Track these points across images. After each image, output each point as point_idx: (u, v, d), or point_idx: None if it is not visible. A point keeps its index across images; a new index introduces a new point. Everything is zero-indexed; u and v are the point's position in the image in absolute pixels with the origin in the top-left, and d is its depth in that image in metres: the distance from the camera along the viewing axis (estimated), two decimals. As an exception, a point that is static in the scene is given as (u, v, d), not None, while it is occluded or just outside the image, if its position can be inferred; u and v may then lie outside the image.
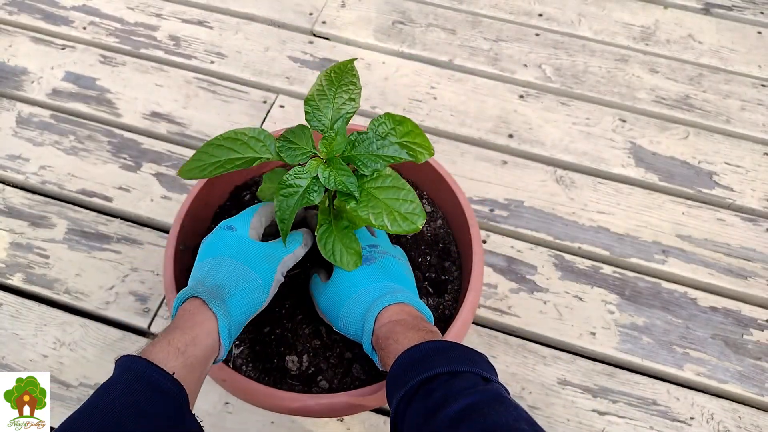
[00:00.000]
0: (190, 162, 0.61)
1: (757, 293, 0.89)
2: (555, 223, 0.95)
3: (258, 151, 0.61)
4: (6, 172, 0.99)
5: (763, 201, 0.99)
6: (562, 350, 0.85)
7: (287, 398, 0.60)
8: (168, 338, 0.50)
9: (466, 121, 1.07)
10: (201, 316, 0.52)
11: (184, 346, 0.50)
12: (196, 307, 0.53)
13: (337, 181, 0.57)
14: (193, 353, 0.50)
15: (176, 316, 0.54)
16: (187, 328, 0.51)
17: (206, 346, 0.52)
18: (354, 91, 0.61)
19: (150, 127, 1.05)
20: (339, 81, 0.61)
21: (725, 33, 1.21)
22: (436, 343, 0.51)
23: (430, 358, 0.49)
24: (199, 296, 0.53)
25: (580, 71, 1.14)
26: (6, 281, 0.89)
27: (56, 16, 1.20)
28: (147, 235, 0.93)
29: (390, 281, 0.61)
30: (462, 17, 1.22)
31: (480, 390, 0.46)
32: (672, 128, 1.07)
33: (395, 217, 0.57)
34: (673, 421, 0.79)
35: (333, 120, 0.61)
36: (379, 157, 0.58)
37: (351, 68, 0.61)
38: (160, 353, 0.48)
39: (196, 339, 0.51)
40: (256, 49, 1.16)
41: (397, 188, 0.58)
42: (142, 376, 0.46)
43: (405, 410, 0.48)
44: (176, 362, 0.49)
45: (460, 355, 0.50)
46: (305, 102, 0.61)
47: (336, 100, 0.61)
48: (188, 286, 0.56)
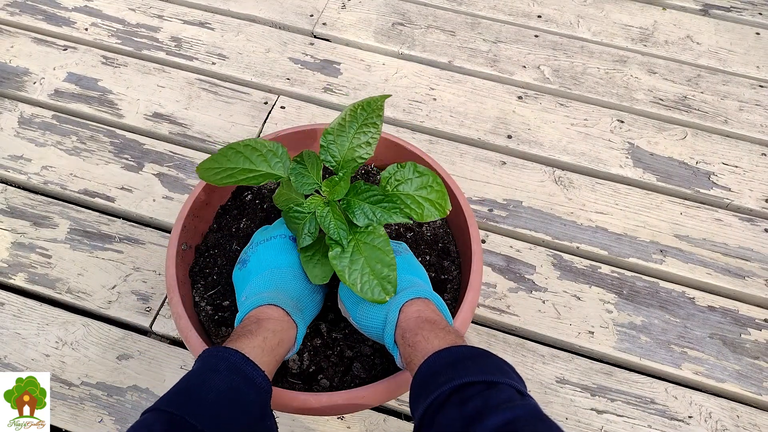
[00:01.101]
0: (209, 161, 0.63)
1: (755, 293, 0.90)
2: (553, 223, 0.96)
3: (272, 167, 0.63)
4: (8, 173, 1.00)
5: (760, 201, 0.99)
6: (560, 349, 0.85)
7: (288, 396, 0.61)
8: (263, 336, 0.55)
9: (465, 121, 1.07)
10: (287, 324, 0.59)
11: (276, 346, 0.56)
12: (281, 315, 0.59)
13: (331, 226, 0.59)
14: (279, 353, 0.56)
15: (258, 317, 0.58)
16: (276, 331, 0.57)
17: (287, 348, 0.58)
18: (373, 136, 0.62)
19: (152, 128, 1.06)
20: (362, 119, 0.62)
21: (724, 34, 1.22)
22: (470, 349, 0.51)
23: (463, 364, 0.48)
24: (283, 307, 0.59)
25: (578, 72, 1.15)
26: (8, 281, 0.89)
27: (58, 17, 1.21)
28: (149, 234, 0.94)
29: (412, 275, 0.63)
30: (461, 19, 1.23)
31: (519, 405, 0.44)
32: (670, 129, 1.08)
33: (370, 279, 0.59)
34: (671, 419, 0.80)
35: (344, 159, 0.62)
36: (375, 215, 0.60)
37: (379, 107, 0.62)
38: (255, 350, 0.53)
39: (282, 342, 0.57)
40: (258, 51, 1.17)
41: (383, 252, 0.59)
42: (239, 368, 0.51)
43: (436, 413, 0.46)
44: (267, 359, 0.54)
45: (495, 365, 0.49)
46: (323, 134, 0.62)
47: (353, 140, 0.62)
48: (265, 294, 0.61)
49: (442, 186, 0.63)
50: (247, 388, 0.50)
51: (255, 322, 0.57)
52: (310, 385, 0.66)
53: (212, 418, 0.46)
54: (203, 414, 0.46)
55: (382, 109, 0.62)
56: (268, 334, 0.55)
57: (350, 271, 0.59)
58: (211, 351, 0.52)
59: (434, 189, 0.63)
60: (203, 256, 0.76)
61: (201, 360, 0.52)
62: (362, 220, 0.60)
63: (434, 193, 0.63)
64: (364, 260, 0.59)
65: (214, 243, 0.77)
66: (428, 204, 0.62)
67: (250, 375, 0.51)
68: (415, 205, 0.62)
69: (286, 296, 0.61)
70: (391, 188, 0.63)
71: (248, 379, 0.51)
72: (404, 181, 0.63)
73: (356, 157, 0.62)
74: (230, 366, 0.51)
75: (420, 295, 0.58)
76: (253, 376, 0.51)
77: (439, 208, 0.62)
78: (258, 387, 0.51)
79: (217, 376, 0.50)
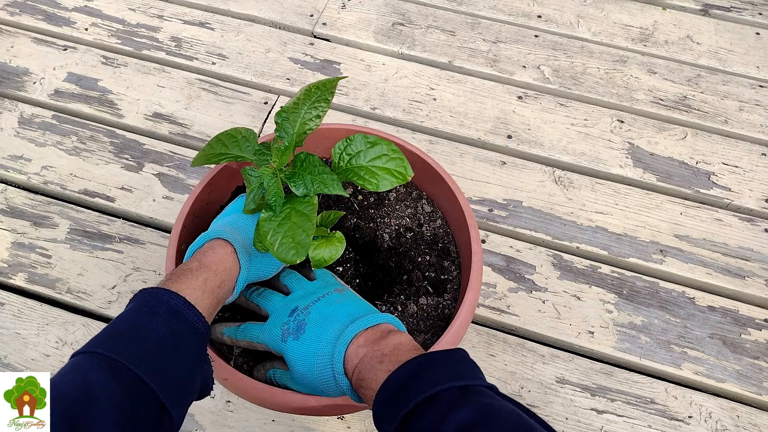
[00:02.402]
0: (201, 150, 0.69)
1: (755, 293, 0.90)
2: (553, 223, 0.96)
3: (243, 151, 0.67)
4: (8, 173, 1.00)
5: (761, 201, 0.99)
6: (560, 349, 0.85)
7: (288, 396, 0.61)
8: (204, 277, 0.53)
9: (465, 121, 1.07)
10: (230, 263, 0.56)
11: (216, 288, 0.54)
12: (228, 253, 0.57)
13: (271, 193, 0.60)
14: (219, 295, 0.54)
15: (205, 251, 0.56)
16: (219, 271, 0.55)
17: (228, 290, 0.56)
18: (323, 109, 0.62)
19: (152, 128, 1.06)
20: (315, 97, 0.62)
21: (724, 34, 1.22)
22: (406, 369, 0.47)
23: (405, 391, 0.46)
24: (232, 244, 0.57)
25: (578, 72, 1.15)
26: (8, 281, 0.89)
27: (58, 17, 1.21)
28: (149, 235, 0.94)
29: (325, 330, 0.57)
30: (461, 19, 1.23)
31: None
32: (670, 129, 1.08)
33: (288, 242, 0.58)
34: (671, 419, 0.80)
35: (297, 134, 0.62)
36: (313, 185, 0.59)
37: (333, 86, 0.62)
38: (195, 292, 0.52)
39: (223, 283, 0.55)
40: (258, 51, 1.17)
41: (308, 218, 0.59)
42: (179, 312, 0.49)
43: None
44: (208, 302, 0.53)
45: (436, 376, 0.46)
46: (278, 112, 0.62)
47: (305, 115, 0.62)
48: (221, 229, 0.60)
49: (399, 152, 0.61)
50: (187, 333, 0.49)
51: (198, 259, 0.55)
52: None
53: (153, 366, 0.45)
54: (144, 361, 0.44)
55: (335, 88, 0.62)
56: (210, 274, 0.53)
57: (274, 233, 0.59)
58: (149, 291, 0.50)
59: (391, 157, 0.61)
60: (203, 256, 0.76)
61: (138, 300, 0.50)
62: (301, 190, 0.60)
63: (392, 162, 0.61)
64: (290, 225, 0.59)
65: (214, 243, 0.77)
66: (384, 173, 0.61)
67: (191, 320, 0.49)
68: (369, 175, 0.61)
69: (240, 236, 0.59)
70: (343, 164, 0.63)
71: (188, 323, 0.49)
72: (356, 154, 0.62)
73: (306, 130, 0.62)
74: (170, 310, 0.49)
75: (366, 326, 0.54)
76: (193, 321, 0.49)
77: (398, 175, 0.61)
78: (197, 332, 0.50)
79: (156, 319, 0.48)
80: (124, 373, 0.43)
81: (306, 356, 0.56)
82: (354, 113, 1.09)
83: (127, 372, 0.43)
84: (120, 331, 0.47)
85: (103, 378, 0.42)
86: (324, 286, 0.64)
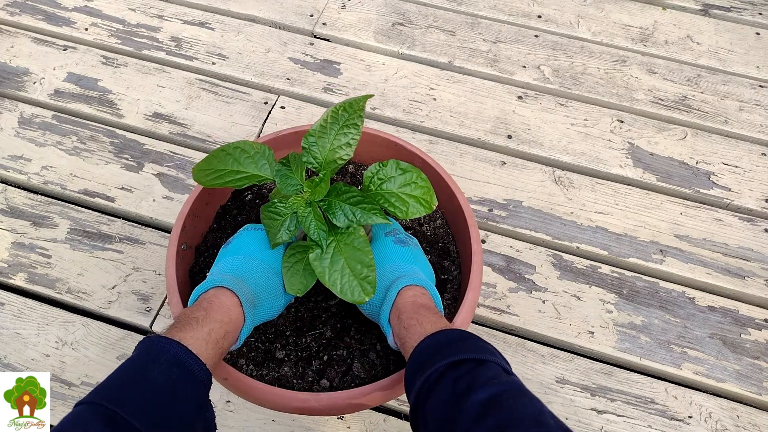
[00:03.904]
0: (203, 162, 0.65)
1: (755, 293, 0.90)
2: (553, 223, 0.96)
3: (259, 168, 0.64)
4: (8, 173, 1.00)
5: (760, 201, 0.99)
6: (560, 349, 0.85)
7: (288, 396, 0.61)
8: (209, 327, 0.54)
9: (465, 121, 1.07)
10: (235, 315, 0.57)
11: (221, 338, 0.54)
12: (234, 305, 0.57)
13: (311, 227, 0.60)
14: (223, 346, 0.55)
15: (212, 301, 0.57)
16: (224, 322, 0.55)
17: (232, 340, 0.57)
18: (353, 137, 0.62)
19: (152, 128, 1.06)
20: (344, 120, 0.62)
21: (724, 34, 1.22)
22: (461, 332, 0.54)
23: (456, 345, 0.52)
24: (238, 296, 0.58)
25: (578, 72, 1.15)
26: (8, 281, 0.89)
27: (58, 17, 1.21)
28: (149, 234, 0.94)
29: (415, 266, 0.64)
30: (461, 19, 1.23)
31: (504, 381, 0.48)
32: (670, 129, 1.08)
33: (350, 279, 0.59)
34: (671, 419, 0.80)
35: (326, 160, 0.62)
36: (355, 216, 0.60)
37: (360, 107, 0.61)
38: (199, 342, 0.52)
39: (227, 334, 0.55)
40: (258, 51, 1.17)
41: (363, 252, 0.60)
42: (180, 361, 0.50)
43: (431, 390, 0.49)
44: (212, 352, 0.53)
45: (484, 345, 0.53)
46: (305, 135, 0.62)
47: (334, 141, 0.62)
48: (226, 275, 0.60)
49: (427, 182, 0.63)
50: (186, 381, 0.49)
51: (204, 308, 0.56)
52: (310, 386, 0.66)
53: (150, 415, 0.45)
54: (141, 410, 0.45)
55: (363, 110, 0.62)
56: (215, 325, 0.54)
57: (330, 271, 0.60)
58: (152, 340, 0.51)
59: (419, 185, 0.62)
60: (203, 256, 0.76)
61: (141, 348, 0.51)
62: (342, 221, 0.60)
63: (419, 189, 0.62)
64: (344, 261, 0.60)
65: (214, 243, 0.77)
66: (413, 201, 0.62)
67: (191, 368, 0.50)
68: (400, 202, 0.62)
69: (246, 287, 0.60)
70: (374, 187, 0.63)
71: (189, 371, 0.49)
72: (387, 179, 0.63)
73: (337, 158, 0.62)
74: (171, 359, 0.49)
75: (418, 283, 0.60)
76: (194, 370, 0.50)
77: (425, 203, 0.62)
78: (198, 380, 0.50)
79: (156, 368, 0.48)
80: (122, 426, 0.44)
81: (385, 264, 0.63)
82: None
83: (125, 424, 0.44)
84: (120, 381, 0.47)
85: (100, 429, 0.43)
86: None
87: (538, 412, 0.45)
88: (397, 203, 0.62)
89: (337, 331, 0.70)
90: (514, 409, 0.44)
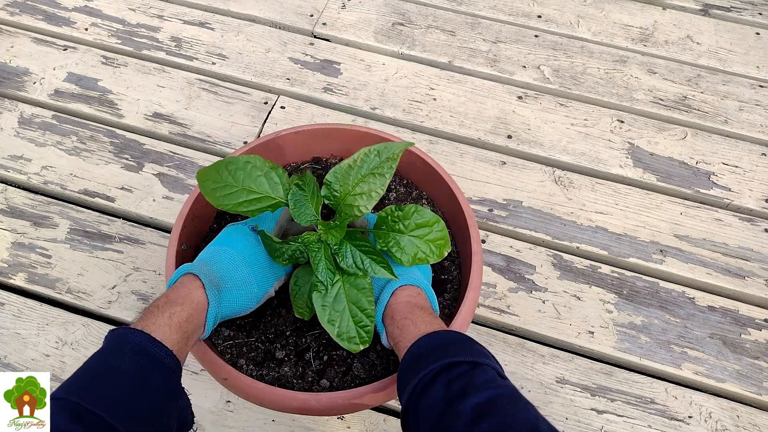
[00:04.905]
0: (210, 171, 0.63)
1: (755, 293, 0.90)
2: (553, 223, 0.96)
3: (272, 190, 0.63)
4: (8, 173, 1.00)
5: (760, 201, 0.99)
6: (560, 349, 0.85)
7: (288, 396, 0.61)
8: (169, 312, 0.53)
9: (465, 122, 1.07)
10: (198, 297, 0.56)
11: (184, 321, 0.54)
12: (196, 287, 0.57)
13: (320, 267, 0.60)
14: (188, 329, 0.54)
15: (175, 287, 0.56)
16: (186, 305, 0.55)
17: (198, 324, 0.56)
18: (377, 189, 0.60)
19: (152, 128, 1.06)
20: (374, 165, 0.60)
21: (724, 34, 1.22)
22: (455, 334, 0.54)
23: (451, 346, 0.52)
24: (201, 278, 0.57)
25: (578, 72, 1.15)
26: (8, 281, 0.89)
27: (58, 17, 1.21)
28: (149, 235, 0.94)
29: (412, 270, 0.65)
30: (461, 19, 1.23)
31: (500, 385, 0.48)
32: (670, 129, 1.08)
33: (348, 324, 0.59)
34: (671, 419, 0.80)
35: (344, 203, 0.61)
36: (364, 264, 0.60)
37: (395, 156, 0.59)
38: (162, 327, 0.52)
39: (191, 317, 0.55)
40: (258, 51, 1.17)
41: (366, 299, 0.60)
42: (144, 349, 0.49)
43: (424, 391, 0.49)
44: (176, 336, 0.52)
45: (479, 349, 0.53)
46: (331, 171, 0.61)
47: (356, 187, 0.61)
48: (194, 263, 0.60)
49: (444, 230, 0.62)
50: (153, 369, 0.48)
51: (166, 294, 0.55)
52: (310, 386, 0.66)
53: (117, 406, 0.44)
54: (108, 402, 0.44)
55: (397, 160, 0.59)
56: (176, 309, 0.53)
57: (331, 311, 0.60)
58: (115, 332, 0.50)
59: (435, 230, 0.62)
60: (203, 256, 0.76)
61: (107, 340, 0.50)
62: (350, 266, 0.60)
63: (434, 234, 0.62)
64: (347, 304, 0.60)
65: (214, 243, 0.77)
66: (425, 245, 0.61)
67: (157, 355, 0.49)
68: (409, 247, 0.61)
69: (210, 270, 0.59)
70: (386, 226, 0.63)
71: (155, 359, 0.49)
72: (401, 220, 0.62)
73: (355, 206, 0.61)
74: (135, 347, 0.48)
75: (413, 283, 0.61)
76: (159, 356, 0.49)
77: (435, 249, 0.61)
78: (165, 366, 0.49)
79: (121, 358, 0.48)
80: (88, 418, 0.43)
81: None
82: (354, 113, 1.09)
83: (91, 416, 0.43)
84: (86, 374, 0.47)
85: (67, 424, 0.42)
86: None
87: (533, 418, 0.44)
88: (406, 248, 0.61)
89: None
90: (510, 414, 0.44)
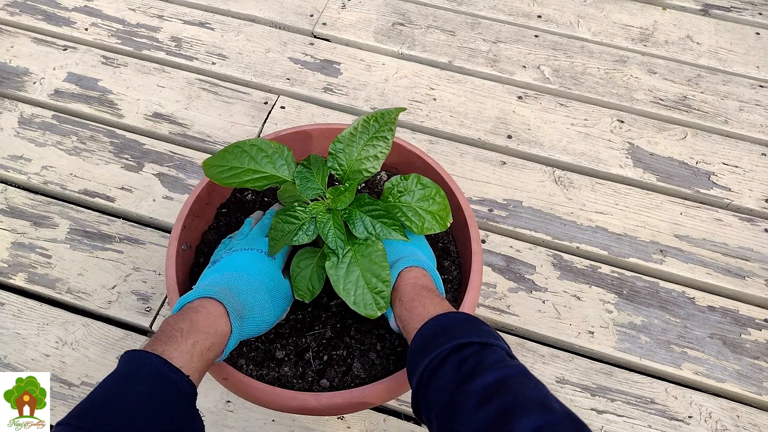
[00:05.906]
0: (215, 158, 0.63)
1: (755, 293, 0.90)
2: (553, 223, 0.96)
3: (277, 169, 0.63)
4: (8, 173, 1.00)
5: (760, 201, 0.99)
6: (560, 349, 0.85)
7: (288, 396, 0.61)
8: (193, 340, 0.52)
9: (465, 121, 1.07)
10: (222, 326, 0.55)
11: (206, 350, 0.53)
12: (220, 315, 0.55)
13: (329, 235, 0.59)
14: (209, 357, 0.53)
15: (197, 310, 0.55)
16: (209, 334, 0.53)
17: (218, 353, 0.55)
18: (382, 150, 0.62)
19: (152, 128, 1.06)
20: (374, 131, 0.62)
21: (724, 34, 1.22)
22: (464, 315, 0.54)
23: (460, 327, 0.52)
24: (225, 306, 0.56)
25: (578, 72, 1.15)
26: (8, 281, 0.89)
27: (58, 17, 1.21)
28: (149, 234, 0.94)
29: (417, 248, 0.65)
30: (461, 19, 1.23)
31: (510, 365, 0.48)
32: (670, 129, 1.08)
33: (363, 292, 0.59)
34: (671, 419, 0.80)
35: (351, 170, 0.62)
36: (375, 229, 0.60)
37: (392, 120, 0.62)
38: (184, 355, 0.50)
39: (213, 346, 0.54)
40: (258, 51, 1.17)
41: (380, 266, 0.60)
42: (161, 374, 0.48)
43: (435, 372, 0.49)
44: (197, 364, 0.51)
45: (488, 329, 0.53)
46: (334, 141, 0.62)
47: (362, 152, 0.62)
48: (215, 287, 0.58)
49: (444, 199, 0.64)
50: (169, 397, 0.47)
51: (190, 319, 0.53)
52: (310, 385, 0.66)
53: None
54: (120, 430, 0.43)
55: (395, 123, 0.62)
56: (200, 337, 0.52)
57: (345, 281, 0.60)
58: (131, 355, 0.49)
59: (436, 201, 0.64)
60: (203, 256, 0.76)
61: (123, 363, 0.49)
62: (362, 233, 0.60)
63: (436, 205, 0.64)
64: (360, 272, 0.60)
65: (214, 243, 0.77)
66: (429, 216, 0.63)
67: (175, 382, 0.48)
68: (416, 217, 0.63)
69: (234, 298, 0.58)
70: (393, 199, 0.64)
71: (171, 384, 0.48)
72: (406, 192, 0.64)
73: (363, 170, 0.62)
74: (151, 372, 0.47)
75: (418, 264, 0.61)
76: (176, 381, 0.48)
77: (440, 220, 0.63)
78: (182, 392, 0.48)
79: (136, 384, 0.46)
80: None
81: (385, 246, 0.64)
82: (354, 113, 1.09)
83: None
84: (98, 399, 0.46)
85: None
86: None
87: (543, 396, 0.45)
88: (413, 218, 0.63)
89: (337, 331, 0.70)
90: (520, 392, 0.44)
